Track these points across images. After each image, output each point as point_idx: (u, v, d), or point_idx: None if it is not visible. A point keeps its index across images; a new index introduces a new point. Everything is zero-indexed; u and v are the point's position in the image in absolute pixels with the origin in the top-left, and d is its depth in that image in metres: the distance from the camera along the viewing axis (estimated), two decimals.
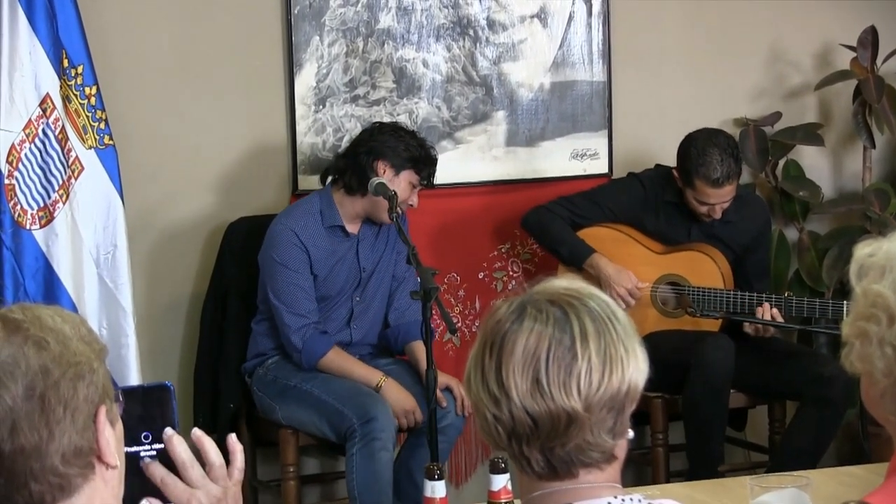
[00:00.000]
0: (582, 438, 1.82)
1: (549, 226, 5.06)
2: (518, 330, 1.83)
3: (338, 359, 4.64)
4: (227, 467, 1.99)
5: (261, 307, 4.77)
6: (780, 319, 4.82)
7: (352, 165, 4.67)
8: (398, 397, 4.58)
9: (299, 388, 4.64)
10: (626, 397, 1.84)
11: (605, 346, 1.83)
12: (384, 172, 4.62)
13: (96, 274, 4.64)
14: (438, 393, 4.60)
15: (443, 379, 4.63)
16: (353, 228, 4.74)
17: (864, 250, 1.93)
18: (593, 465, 1.86)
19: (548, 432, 1.82)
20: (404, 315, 4.79)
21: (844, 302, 4.79)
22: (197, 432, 2.00)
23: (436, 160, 4.75)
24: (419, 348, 4.61)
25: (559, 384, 1.81)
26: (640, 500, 1.88)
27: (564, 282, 1.91)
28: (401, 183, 4.63)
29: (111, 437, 1.70)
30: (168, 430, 1.96)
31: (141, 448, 1.96)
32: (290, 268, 4.62)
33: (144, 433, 1.97)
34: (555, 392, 1.80)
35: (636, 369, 1.86)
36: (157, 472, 1.96)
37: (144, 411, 1.96)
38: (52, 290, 4.56)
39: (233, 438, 2.03)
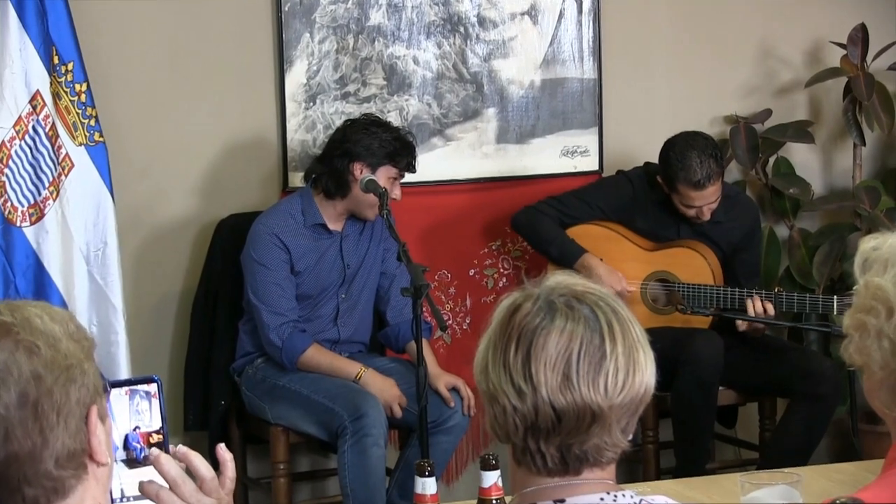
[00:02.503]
0: (601, 438, 1.85)
1: (538, 226, 5.06)
2: (549, 326, 1.85)
3: (317, 355, 4.63)
4: (219, 477, 2.00)
5: (246, 308, 4.76)
6: (771, 312, 4.82)
7: (328, 170, 4.65)
8: (381, 387, 4.56)
9: (288, 387, 4.63)
10: (641, 400, 1.87)
11: (629, 348, 1.86)
12: (361, 172, 4.59)
13: (86, 271, 4.63)
14: (446, 393, 4.60)
15: (449, 379, 4.64)
16: (336, 226, 4.73)
17: (869, 244, 1.96)
18: (600, 464, 1.88)
19: (570, 429, 1.84)
20: (402, 313, 4.76)
21: (834, 297, 4.81)
22: (182, 448, 2.00)
23: (413, 147, 4.71)
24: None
25: (588, 381, 1.83)
26: (631, 496, 1.89)
27: (579, 279, 1.93)
28: (379, 179, 4.59)
29: (102, 436, 1.71)
30: (154, 451, 1.97)
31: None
32: (268, 267, 4.61)
33: (133, 426, 1.98)
34: (583, 388, 1.83)
35: (651, 373, 1.89)
36: (152, 488, 1.97)
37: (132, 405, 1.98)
38: (42, 287, 4.56)
39: (222, 448, 2.04)
